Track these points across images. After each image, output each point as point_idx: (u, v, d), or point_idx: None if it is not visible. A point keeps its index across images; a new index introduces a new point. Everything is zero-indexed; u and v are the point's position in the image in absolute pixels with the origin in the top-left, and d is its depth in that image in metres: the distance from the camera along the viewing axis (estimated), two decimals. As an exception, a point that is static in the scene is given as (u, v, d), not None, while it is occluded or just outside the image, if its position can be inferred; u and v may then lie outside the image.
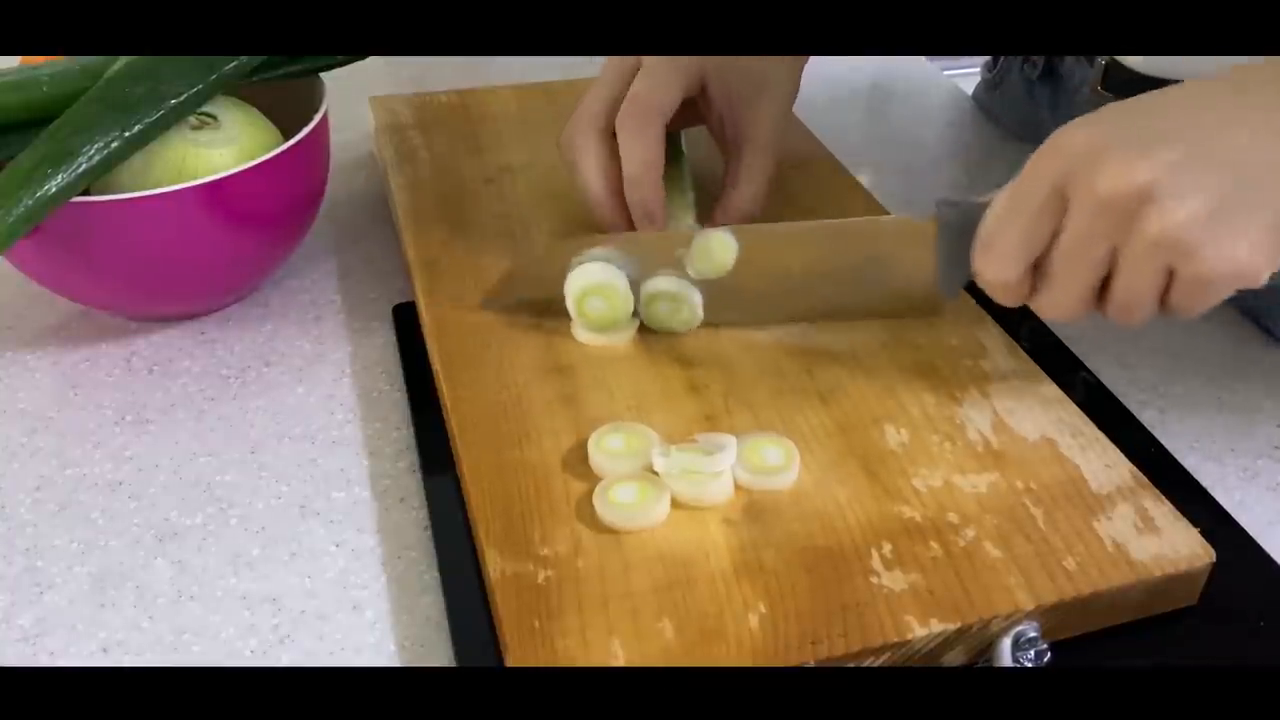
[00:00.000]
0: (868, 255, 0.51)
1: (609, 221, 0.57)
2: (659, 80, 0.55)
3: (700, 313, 0.53)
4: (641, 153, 0.54)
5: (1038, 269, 0.44)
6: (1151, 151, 0.41)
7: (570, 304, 0.53)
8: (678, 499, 0.45)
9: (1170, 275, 0.42)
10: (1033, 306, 0.45)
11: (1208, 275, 0.41)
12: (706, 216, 0.59)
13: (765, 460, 0.46)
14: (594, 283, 0.52)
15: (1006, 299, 0.46)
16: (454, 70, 0.88)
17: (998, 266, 0.44)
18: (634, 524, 0.44)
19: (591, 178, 0.56)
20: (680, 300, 0.53)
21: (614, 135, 0.56)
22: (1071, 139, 0.43)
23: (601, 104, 0.56)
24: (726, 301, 0.53)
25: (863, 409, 0.50)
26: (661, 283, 0.53)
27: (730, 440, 0.46)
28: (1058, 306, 0.44)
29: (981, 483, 0.46)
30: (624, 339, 0.53)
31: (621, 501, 0.44)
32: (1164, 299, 0.43)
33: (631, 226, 0.56)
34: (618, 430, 0.47)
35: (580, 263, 0.53)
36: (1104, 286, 0.43)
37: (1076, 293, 0.44)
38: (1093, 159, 0.41)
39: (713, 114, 0.59)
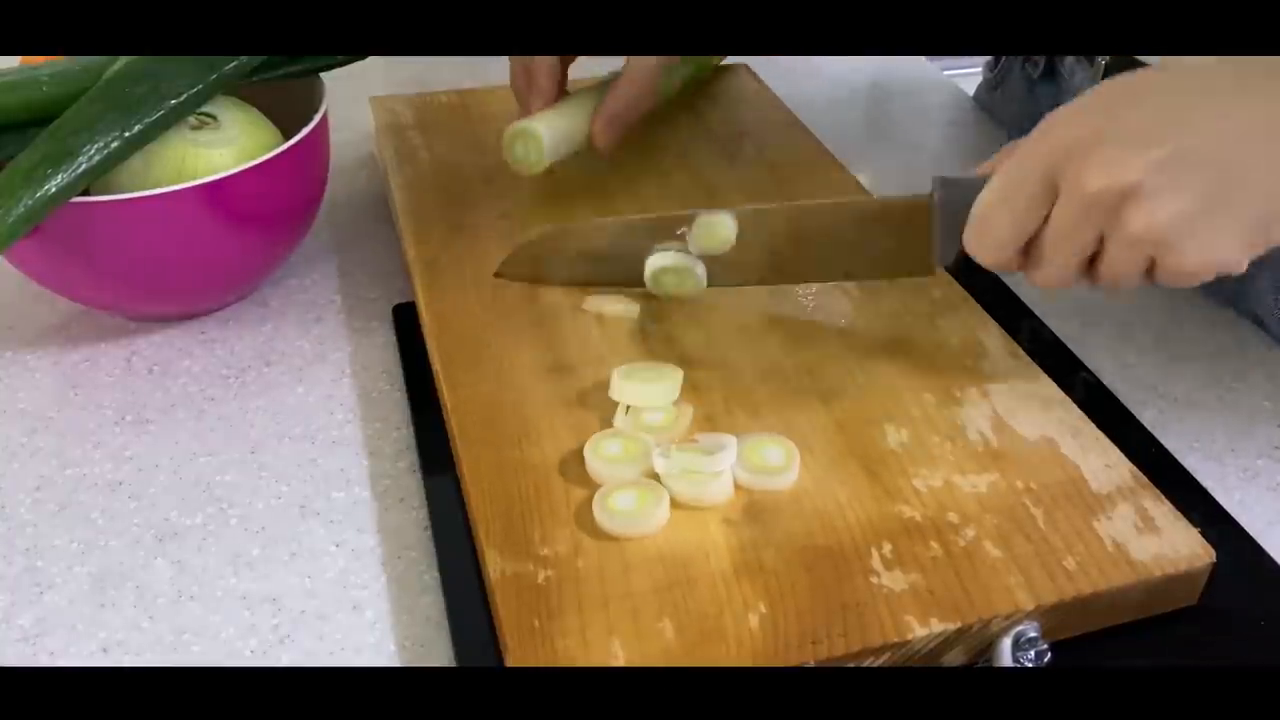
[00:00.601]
0: (862, 229, 0.53)
1: (518, 88, 0.65)
2: None
3: (704, 281, 0.55)
4: None
5: (1028, 246, 0.46)
6: (1139, 149, 0.42)
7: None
8: (678, 499, 0.45)
9: (1153, 261, 0.44)
10: (1025, 278, 0.47)
11: (1188, 268, 0.43)
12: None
13: (766, 460, 0.46)
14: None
15: (997, 270, 0.48)
16: (454, 70, 0.88)
17: (990, 249, 0.47)
18: (634, 531, 0.44)
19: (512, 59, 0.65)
20: (685, 272, 0.55)
21: None
22: (1063, 130, 0.44)
23: None
24: (728, 272, 0.55)
25: (863, 409, 0.50)
26: (666, 258, 0.55)
27: (730, 440, 0.46)
28: (1048, 280, 0.46)
29: (981, 483, 0.46)
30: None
31: (621, 509, 0.44)
32: (1149, 275, 0.45)
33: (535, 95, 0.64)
34: (614, 436, 0.47)
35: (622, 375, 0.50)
36: (1091, 260, 0.45)
37: (1065, 270, 0.46)
38: (1082, 153, 0.42)
39: None
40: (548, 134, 0.62)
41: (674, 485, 0.45)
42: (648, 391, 0.49)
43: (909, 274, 0.53)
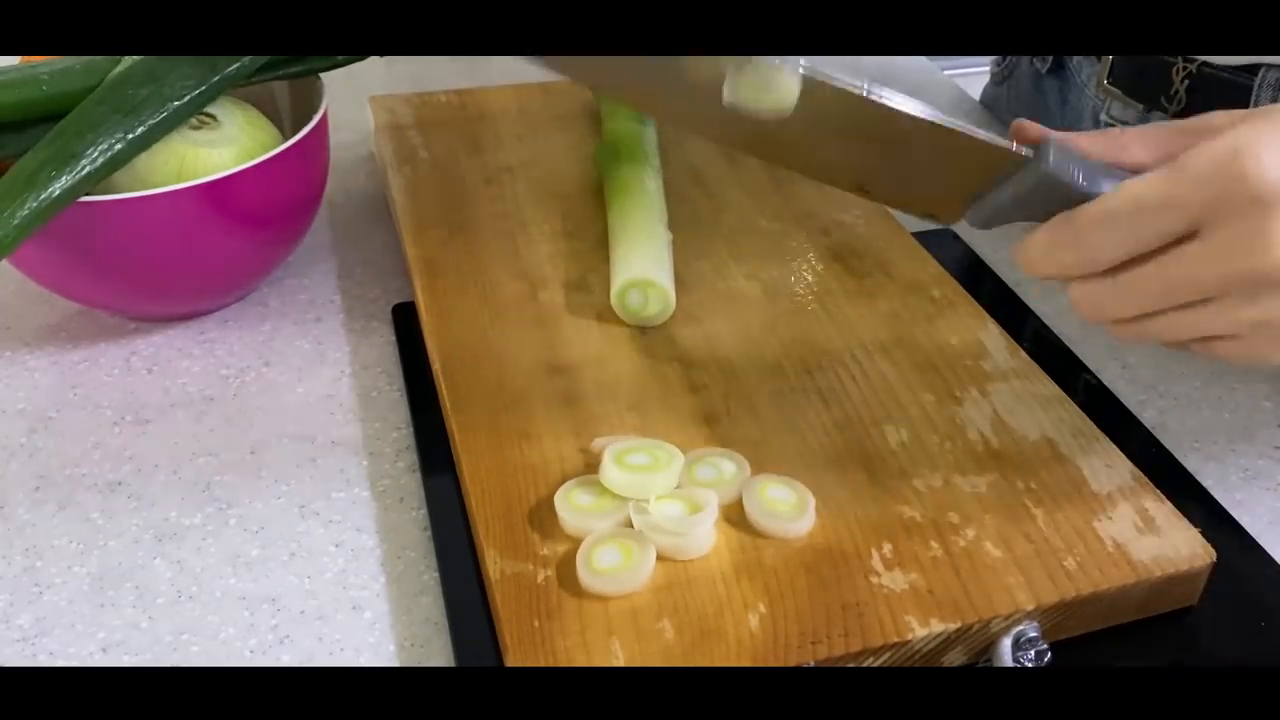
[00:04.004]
0: (937, 153, 0.43)
1: None
2: None
3: (795, 93, 0.43)
4: None
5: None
6: None
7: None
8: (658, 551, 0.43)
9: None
10: (1071, 293, 0.38)
11: None
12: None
13: (777, 504, 0.44)
14: None
15: (1041, 276, 0.38)
16: (454, 70, 0.88)
17: (1075, 267, 0.37)
18: (620, 589, 0.41)
19: None
20: (768, 77, 0.43)
21: None
22: (1247, 178, 0.33)
23: None
24: (765, 145, 0.45)
25: (863, 409, 0.50)
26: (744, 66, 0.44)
27: (712, 497, 0.44)
28: (1101, 312, 0.37)
29: (981, 483, 0.46)
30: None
31: (605, 567, 0.42)
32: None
33: None
34: (586, 484, 0.45)
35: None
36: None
37: (1135, 314, 0.37)
38: (1267, 213, 0.33)
39: None
40: (667, 280, 0.55)
41: (654, 538, 0.43)
42: (644, 484, 0.44)
43: (931, 215, 0.44)
